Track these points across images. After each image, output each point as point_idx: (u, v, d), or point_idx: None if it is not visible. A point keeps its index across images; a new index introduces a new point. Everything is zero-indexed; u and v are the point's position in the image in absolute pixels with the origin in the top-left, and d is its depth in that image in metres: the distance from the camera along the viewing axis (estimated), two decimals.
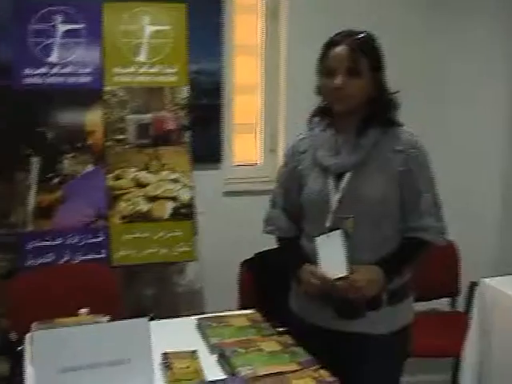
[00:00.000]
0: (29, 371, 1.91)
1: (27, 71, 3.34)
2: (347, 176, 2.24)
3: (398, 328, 2.32)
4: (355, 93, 2.21)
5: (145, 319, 1.96)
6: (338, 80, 2.18)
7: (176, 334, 2.43)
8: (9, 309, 3.05)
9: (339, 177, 2.26)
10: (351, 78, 2.19)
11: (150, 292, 3.78)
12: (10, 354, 2.64)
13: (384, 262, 2.22)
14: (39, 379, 1.84)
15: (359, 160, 2.23)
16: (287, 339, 2.26)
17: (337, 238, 2.19)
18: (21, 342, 2.31)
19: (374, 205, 2.22)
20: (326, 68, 2.24)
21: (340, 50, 2.19)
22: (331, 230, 2.22)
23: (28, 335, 2.30)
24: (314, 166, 2.33)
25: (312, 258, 2.27)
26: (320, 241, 2.24)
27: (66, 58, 3.38)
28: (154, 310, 3.51)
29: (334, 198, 2.24)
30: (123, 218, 3.48)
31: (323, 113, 2.36)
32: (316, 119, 2.39)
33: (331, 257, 2.20)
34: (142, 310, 3.54)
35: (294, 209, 2.42)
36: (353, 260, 2.17)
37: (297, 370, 2.03)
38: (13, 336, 2.67)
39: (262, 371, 2.01)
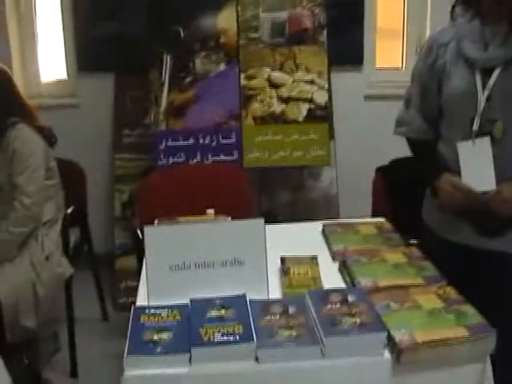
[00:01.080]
0: (144, 266, 1.90)
1: None
2: (496, 72, 1.98)
3: None
4: None
5: (260, 220, 1.87)
6: None
7: (300, 238, 2.35)
8: (140, 207, 3.08)
9: (487, 73, 2.00)
10: None
11: (284, 197, 3.72)
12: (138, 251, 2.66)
13: None
14: (151, 274, 1.83)
15: (511, 55, 1.97)
16: (415, 252, 2.10)
17: (484, 145, 1.96)
18: None
19: None
20: None
21: None
22: (477, 134, 1.99)
23: None
24: (457, 59, 2.07)
25: (451, 167, 2.06)
26: (463, 147, 2.00)
27: None
28: (287, 215, 3.46)
29: (482, 97, 2.00)
30: (256, 119, 3.41)
31: (468, 2, 2.09)
32: (460, 9, 2.12)
33: (476, 167, 1.97)
34: (274, 214, 3.49)
35: (432, 109, 2.18)
36: (500, 170, 1.95)
37: (421, 285, 1.88)
38: (139, 233, 2.69)
39: (384, 283, 1.89)
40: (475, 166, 1.98)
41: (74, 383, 3.10)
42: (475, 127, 2.00)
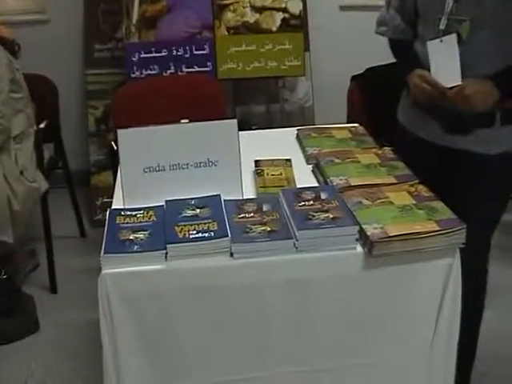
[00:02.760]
0: (118, 170, 1.89)
1: None
2: None
3: (510, 150, 2.11)
4: None
5: (234, 120, 1.86)
6: None
7: (275, 143, 2.35)
8: (114, 117, 3.05)
9: None
10: None
11: (259, 109, 3.71)
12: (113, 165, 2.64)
13: (500, 75, 1.98)
14: (125, 177, 1.83)
15: None
16: (387, 153, 2.12)
17: (450, 42, 1.98)
18: None
19: (496, 8, 1.93)
20: None
21: None
22: (444, 33, 2.00)
23: None
24: None
25: (425, 65, 2.07)
26: (432, 45, 2.03)
27: None
28: (262, 126, 3.44)
29: None
30: (229, 29, 3.35)
31: None
32: None
33: (444, 63, 2.00)
34: (249, 125, 3.48)
35: (409, 9, 2.19)
36: (465, 70, 1.96)
37: (393, 184, 1.90)
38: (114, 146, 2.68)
39: (356, 182, 1.91)
40: (443, 63, 2.01)
41: (54, 298, 3.14)
42: (442, 26, 2.02)
